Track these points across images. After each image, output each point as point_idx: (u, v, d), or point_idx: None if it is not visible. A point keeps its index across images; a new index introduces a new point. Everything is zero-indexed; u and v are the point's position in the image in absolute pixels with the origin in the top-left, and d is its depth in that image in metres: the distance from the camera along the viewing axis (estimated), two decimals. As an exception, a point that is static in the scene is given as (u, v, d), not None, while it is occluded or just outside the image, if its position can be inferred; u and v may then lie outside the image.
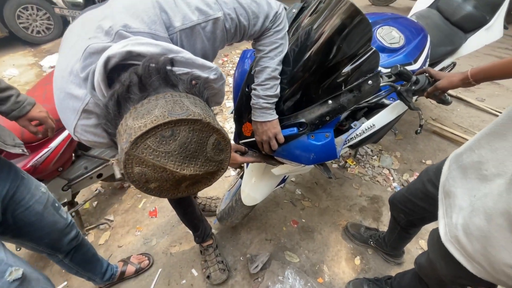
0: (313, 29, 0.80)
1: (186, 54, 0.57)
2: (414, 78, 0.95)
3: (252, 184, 1.21)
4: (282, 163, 1.07)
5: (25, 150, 0.93)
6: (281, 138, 0.87)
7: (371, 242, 1.49)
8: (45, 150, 1.32)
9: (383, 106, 1.05)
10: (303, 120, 0.86)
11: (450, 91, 2.53)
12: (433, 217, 0.83)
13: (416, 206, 0.95)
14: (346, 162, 2.06)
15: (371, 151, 2.16)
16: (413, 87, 0.96)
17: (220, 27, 0.67)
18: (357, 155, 2.11)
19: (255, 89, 0.83)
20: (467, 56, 3.22)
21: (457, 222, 0.61)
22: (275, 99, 0.83)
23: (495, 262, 0.54)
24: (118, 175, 1.70)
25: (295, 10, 0.90)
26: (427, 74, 0.97)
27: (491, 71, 0.75)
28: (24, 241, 0.97)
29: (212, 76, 0.62)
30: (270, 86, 0.81)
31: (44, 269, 1.62)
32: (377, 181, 1.94)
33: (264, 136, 0.87)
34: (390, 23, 1.20)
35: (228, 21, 0.68)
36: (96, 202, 1.96)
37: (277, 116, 0.85)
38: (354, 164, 2.05)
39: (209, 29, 0.66)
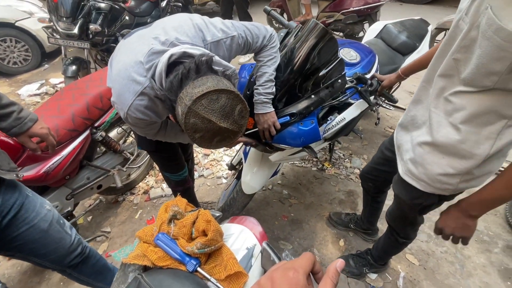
0: (297, 46, 1.12)
1: (216, 57, 0.84)
2: (369, 82, 1.31)
3: (252, 175, 1.43)
4: (275, 151, 1.32)
5: (19, 175, 0.87)
6: (278, 125, 1.13)
7: (351, 225, 1.74)
8: (58, 157, 1.43)
9: (350, 104, 1.38)
10: (294, 111, 1.14)
11: (400, 105, 3.06)
12: (389, 174, 1.13)
13: (379, 171, 1.25)
14: (323, 165, 2.37)
15: (343, 155, 2.50)
16: (369, 88, 1.31)
17: (235, 42, 0.96)
18: (332, 159, 2.43)
19: (257, 89, 1.10)
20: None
21: (407, 159, 0.90)
22: (272, 96, 1.11)
23: (431, 175, 0.82)
24: (119, 184, 1.82)
25: (282, 34, 1.24)
26: (376, 79, 1.34)
27: (412, 67, 1.17)
28: (29, 256, 0.96)
29: (231, 74, 0.89)
30: (268, 86, 1.09)
31: (40, 284, 1.61)
32: (351, 178, 2.25)
33: (265, 125, 1.13)
34: (348, 46, 1.59)
35: (240, 38, 0.97)
36: (90, 217, 2.00)
37: (273, 109, 1.12)
38: (330, 167, 2.36)
39: (228, 43, 0.94)
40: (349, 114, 1.35)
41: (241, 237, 0.60)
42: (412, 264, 1.62)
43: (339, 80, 1.13)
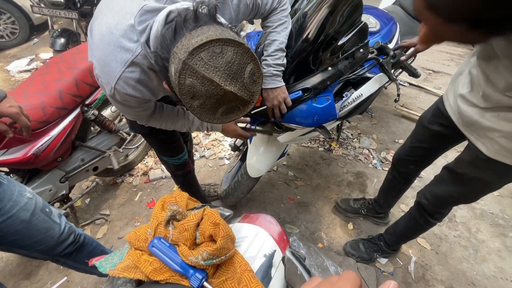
0: (311, 10, 0.95)
1: (221, 18, 0.69)
2: (392, 52, 1.15)
3: (258, 157, 1.31)
4: (285, 131, 1.20)
5: None
6: (289, 102, 0.99)
7: (362, 211, 1.66)
8: (46, 138, 1.31)
9: (367, 79, 1.24)
10: (307, 86, 1.00)
11: (413, 82, 2.88)
12: (436, 150, 1.03)
13: (425, 149, 1.14)
14: (330, 145, 2.25)
15: (351, 135, 2.37)
16: (392, 60, 1.15)
17: (243, 2, 0.80)
18: (340, 139, 2.31)
19: (265, 60, 0.95)
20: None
21: (495, 137, 0.75)
22: (283, 68, 0.96)
23: None
24: (116, 165, 1.72)
25: (293, -5, 1.06)
26: (401, 50, 1.18)
27: None
28: (12, 248, 0.89)
29: (238, 31, 0.74)
30: (278, 57, 0.95)
31: (39, 267, 1.57)
32: (360, 159, 2.15)
33: (275, 101, 0.99)
34: (366, 12, 1.41)
35: None
36: (88, 199, 1.92)
37: (284, 83, 0.98)
38: (338, 147, 2.24)
39: (235, 3, 0.78)
40: (366, 89, 1.21)
41: (257, 241, 0.49)
42: (424, 248, 1.55)
43: (361, 50, 0.98)
